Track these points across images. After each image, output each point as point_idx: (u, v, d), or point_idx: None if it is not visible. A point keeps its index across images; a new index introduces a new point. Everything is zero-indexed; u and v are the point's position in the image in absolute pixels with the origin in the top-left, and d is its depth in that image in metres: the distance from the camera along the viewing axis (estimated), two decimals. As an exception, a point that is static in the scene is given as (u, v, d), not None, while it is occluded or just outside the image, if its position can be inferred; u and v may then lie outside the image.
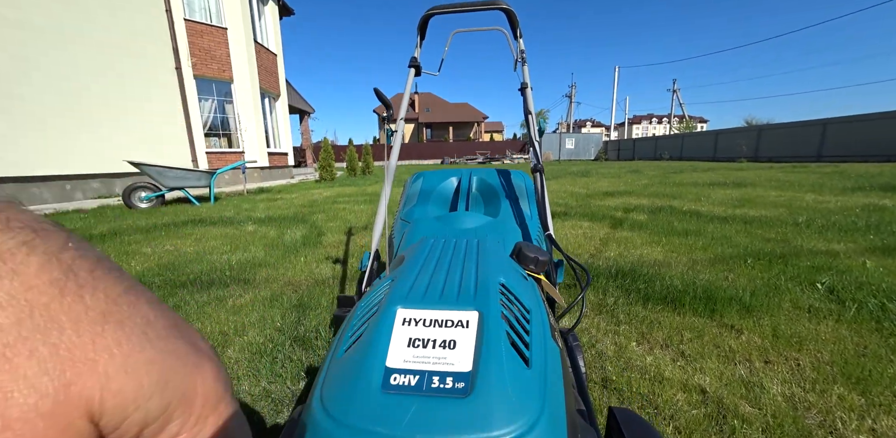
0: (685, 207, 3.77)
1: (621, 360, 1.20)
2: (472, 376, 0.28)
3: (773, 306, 1.47)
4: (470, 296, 0.37)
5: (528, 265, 0.59)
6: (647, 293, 1.63)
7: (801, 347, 1.19)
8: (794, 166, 9.67)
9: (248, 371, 1.22)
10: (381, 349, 0.31)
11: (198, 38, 8.75)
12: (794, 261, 1.94)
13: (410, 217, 1.24)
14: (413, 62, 1.32)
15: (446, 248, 0.56)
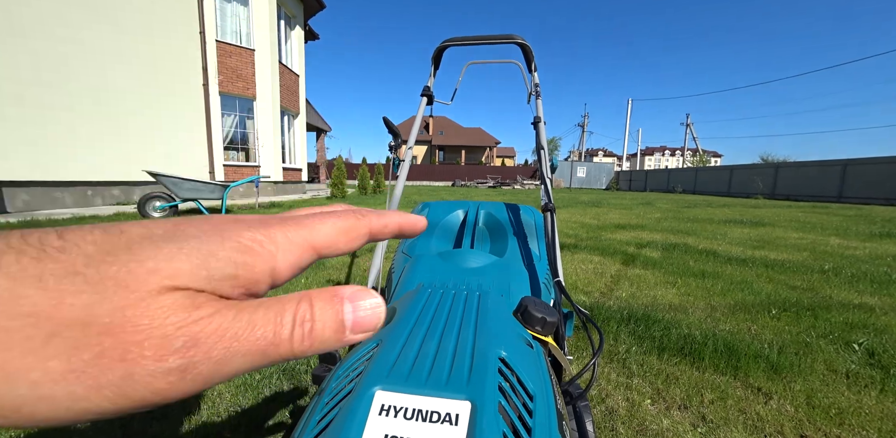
0: (701, 245, 3.64)
1: (634, 421, 1.08)
2: None
3: (805, 367, 1.33)
4: (463, 378, 0.31)
5: (535, 327, 0.53)
6: (663, 343, 1.52)
7: (843, 422, 1.06)
8: (815, 206, 9.43)
9: (228, 408, 1.13)
10: None
11: (226, 58, 9.27)
12: (825, 315, 1.80)
13: (412, 251, 1.18)
14: (426, 91, 1.33)
15: (443, 303, 0.50)
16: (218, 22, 9.13)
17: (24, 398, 0.09)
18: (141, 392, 0.10)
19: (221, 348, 0.11)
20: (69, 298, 0.10)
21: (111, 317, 0.10)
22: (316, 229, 0.14)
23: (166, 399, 0.11)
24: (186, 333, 0.10)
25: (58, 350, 0.09)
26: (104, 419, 0.11)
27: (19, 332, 0.09)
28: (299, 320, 0.12)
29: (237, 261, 0.12)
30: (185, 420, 1.08)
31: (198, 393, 0.11)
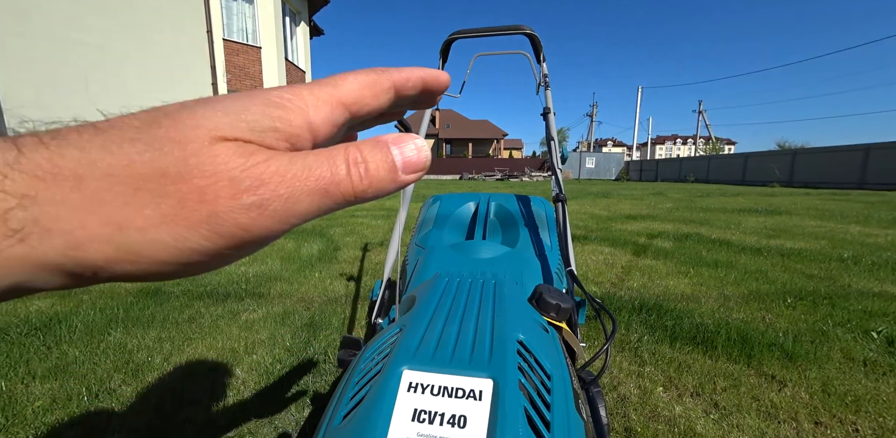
0: (714, 235, 3.59)
1: (646, 407, 1.10)
2: None
3: (821, 355, 1.33)
4: (485, 358, 0.33)
5: (550, 313, 0.54)
6: (675, 332, 1.52)
7: (859, 409, 1.06)
8: (834, 194, 9.15)
9: (252, 393, 1.19)
10: (383, 424, 0.28)
11: (234, 57, 9.33)
12: (843, 303, 1.77)
13: (426, 243, 1.20)
14: None
15: (461, 291, 0.52)
16: (224, 20, 9.18)
17: (139, 243, 0.11)
18: (229, 228, 0.11)
19: (286, 187, 0.12)
20: (136, 157, 0.11)
21: (177, 167, 0.11)
22: (339, 85, 0.15)
23: (257, 236, 0.12)
24: (250, 174, 0.11)
25: (146, 200, 0.11)
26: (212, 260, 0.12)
27: (108, 190, 0.11)
28: (352, 161, 0.13)
29: (271, 115, 0.13)
30: (213, 405, 1.13)
31: (279, 234, 0.13)
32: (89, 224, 0.10)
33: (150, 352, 1.44)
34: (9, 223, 0.10)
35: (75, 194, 0.10)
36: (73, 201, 0.10)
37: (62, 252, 0.10)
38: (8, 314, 1.75)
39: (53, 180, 0.10)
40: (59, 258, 0.10)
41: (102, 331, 1.59)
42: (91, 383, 1.23)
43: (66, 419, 1.06)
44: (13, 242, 0.10)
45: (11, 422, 1.04)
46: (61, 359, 1.37)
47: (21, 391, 1.18)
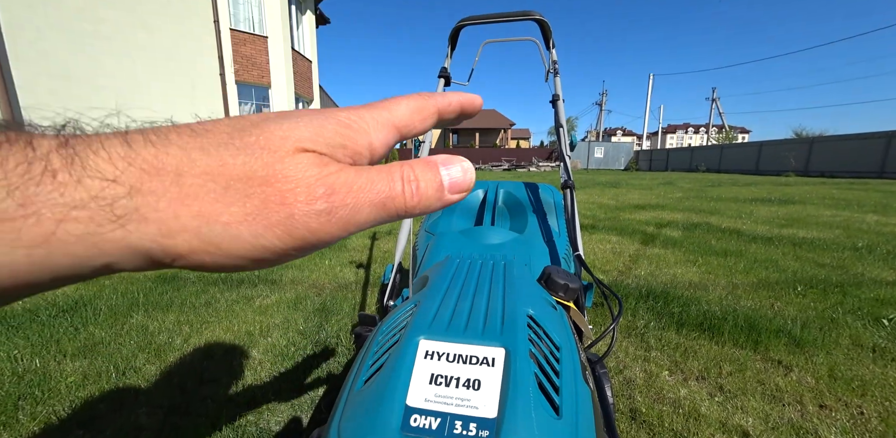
0: (724, 224, 3.55)
1: (651, 390, 1.12)
2: (498, 424, 0.26)
3: (829, 342, 1.33)
4: (496, 330, 0.35)
5: (558, 292, 0.56)
6: (682, 318, 1.53)
7: (865, 393, 1.07)
8: (852, 183, 8.91)
9: (269, 373, 1.24)
10: (402, 386, 0.30)
11: (241, 47, 9.28)
12: (854, 291, 1.76)
13: (435, 229, 1.22)
14: (443, 72, 1.31)
15: (472, 271, 0.54)
16: (231, 9, 9.10)
17: (221, 237, 0.12)
18: (300, 230, 0.13)
19: (352, 197, 0.13)
20: (229, 159, 0.12)
21: (265, 171, 0.12)
22: (394, 109, 0.16)
23: (320, 240, 0.13)
24: (324, 183, 0.13)
25: (234, 198, 0.12)
26: (277, 258, 0.13)
27: (203, 186, 0.12)
28: (406, 178, 0.14)
29: (342, 133, 0.14)
30: (233, 384, 1.19)
31: (337, 239, 0.14)
32: (182, 216, 0.11)
33: (171, 334, 1.50)
34: (115, 210, 0.11)
35: (174, 188, 0.11)
36: (172, 195, 0.11)
37: (153, 239, 0.11)
38: (36, 297, 1.83)
39: (157, 174, 0.11)
40: (149, 244, 0.11)
41: (125, 314, 1.66)
42: (118, 361, 1.29)
43: (96, 394, 1.13)
44: (115, 227, 0.11)
45: (48, 396, 1.11)
46: (89, 339, 1.44)
47: (54, 367, 1.25)
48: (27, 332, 1.47)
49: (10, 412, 1.04)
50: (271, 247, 0.13)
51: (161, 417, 1.03)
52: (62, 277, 0.11)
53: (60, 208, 0.10)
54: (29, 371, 1.23)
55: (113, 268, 0.12)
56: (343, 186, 0.13)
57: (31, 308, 1.69)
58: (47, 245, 0.10)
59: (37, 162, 0.10)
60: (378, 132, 0.16)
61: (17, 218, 0.10)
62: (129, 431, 0.98)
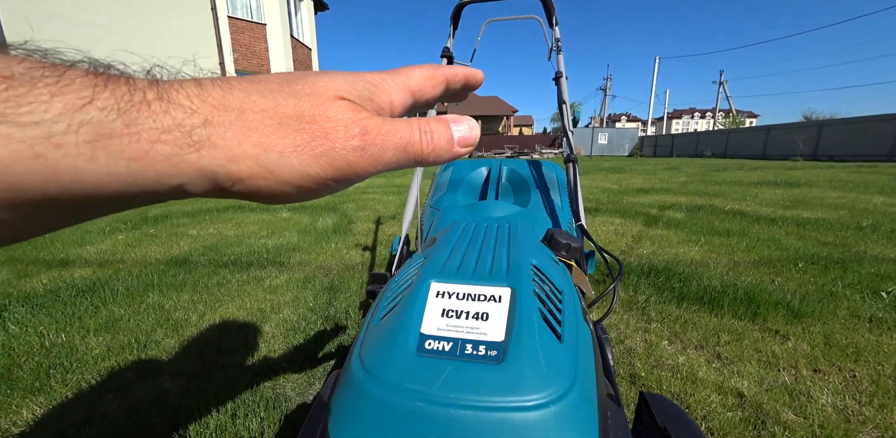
0: (728, 206, 3.54)
1: (651, 358, 1.16)
2: (505, 345, 0.29)
3: (827, 313, 1.36)
4: (503, 273, 0.37)
5: (560, 252, 0.58)
6: (682, 293, 1.56)
7: (858, 358, 1.10)
8: (861, 166, 8.78)
9: (283, 346, 1.29)
10: (416, 317, 0.32)
11: (239, 35, 9.14)
12: (856, 267, 1.77)
13: (440, 205, 1.24)
14: (445, 52, 1.30)
15: (478, 231, 0.56)
16: (227, -5, 8.92)
17: (275, 163, 0.14)
18: (339, 161, 0.15)
19: (381, 138, 0.16)
20: (282, 101, 0.15)
21: (312, 111, 0.15)
22: (410, 75, 0.19)
23: (355, 172, 0.16)
24: (358, 124, 0.15)
25: (286, 132, 0.14)
26: (318, 188, 0.16)
27: (261, 121, 0.14)
28: (423, 129, 0.17)
29: (370, 90, 0.17)
30: (249, 355, 1.24)
31: (369, 174, 0.16)
32: (244, 144, 0.14)
33: (186, 311, 1.55)
34: (193, 136, 0.13)
35: (239, 121, 0.14)
36: (237, 127, 0.14)
37: (220, 163, 0.13)
38: (56, 280, 1.89)
39: (225, 110, 0.14)
40: (216, 168, 0.13)
41: (142, 294, 1.72)
42: (138, 335, 1.35)
43: (121, 364, 1.19)
44: (191, 150, 0.13)
45: (76, 366, 1.17)
46: (109, 316, 1.50)
47: (79, 341, 1.31)
48: (50, 310, 1.53)
49: (43, 379, 1.10)
50: (314, 175, 0.15)
51: (184, 382, 1.09)
52: (146, 192, 0.13)
53: (154, 131, 0.12)
54: (56, 345, 1.29)
55: (185, 190, 0.14)
56: (374, 128, 0.16)
57: (52, 289, 1.75)
58: (142, 160, 0.12)
59: (137, 93, 0.12)
60: (397, 93, 0.18)
61: (124, 135, 0.12)
62: (155, 395, 1.04)
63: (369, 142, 0.15)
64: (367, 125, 0.15)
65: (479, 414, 0.25)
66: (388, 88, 0.18)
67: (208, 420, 0.93)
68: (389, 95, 0.18)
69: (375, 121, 0.16)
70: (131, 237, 2.77)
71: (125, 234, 2.87)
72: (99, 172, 0.11)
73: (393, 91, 0.18)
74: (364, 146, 0.15)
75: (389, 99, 0.18)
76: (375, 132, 0.16)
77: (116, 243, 2.61)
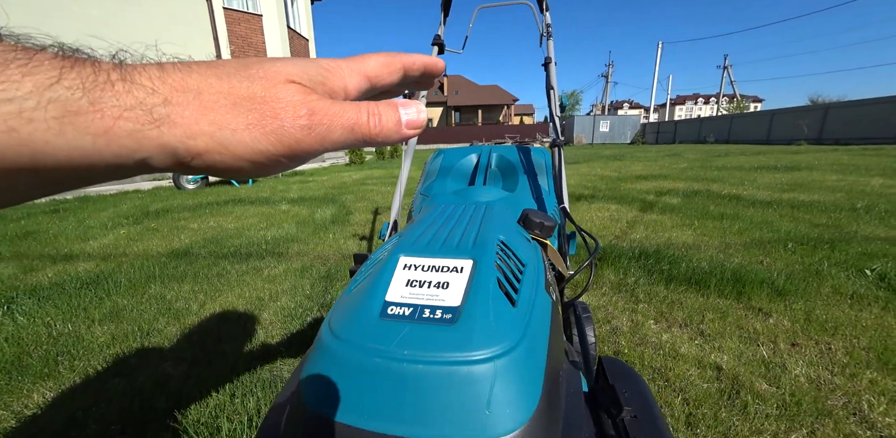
0: (725, 191, 3.54)
1: (636, 336, 1.20)
2: (460, 309, 0.31)
3: (811, 290, 1.38)
4: (468, 247, 0.39)
5: (534, 230, 0.60)
6: (671, 274, 1.59)
7: (836, 332, 1.13)
8: (865, 149, 8.67)
9: (280, 332, 1.34)
10: (382, 287, 0.35)
11: (235, 26, 9.03)
12: (844, 247, 1.79)
13: (430, 192, 1.27)
14: (436, 40, 1.29)
15: (455, 211, 0.58)
16: (219, -14, 8.77)
17: (229, 140, 0.16)
18: (288, 139, 0.16)
19: (328, 119, 0.17)
20: (237, 84, 0.16)
21: (263, 93, 0.16)
22: (366, 62, 0.20)
23: (304, 150, 0.17)
24: (306, 105, 0.17)
25: (239, 112, 0.16)
26: (272, 164, 0.17)
27: (217, 102, 0.15)
28: (371, 112, 0.18)
29: (323, 74, 0.18)
30: (248, 341, 1.29)
31: (318, 152, 0.18)
32: (201, 122, 0.15)
33: (187, 301, 1.60)
34: (153, 114, 0.14)
35: (196, 101, 0.15)
36: (194, 106, 0.15)
37: (180, 139, 0.15)
38: (60, 273, 1.95)
39: (184, 91, 0.15)
40: (176, 143, 0.15)
41: (144, 285, 1.77)
42: (141, 324, 1.40)
43: (125, 351, 1.24)
44: (153, 127, 0.14)
45: (82, 353, 1.22)
46: (113, 307, 1.55)
47: (85, 331, 1.36)
48: (56, 302, 1.59)
49: (52, 365, 1.15)
50: (265, 151, 0.16)
51: (185, 368, 1.14)
52: (113, 165, 0.14)
53: (117, 109, 0.13)
54: (63, 334, 1.34)
55: (149, 164, 0.15)
56: (321, 109, 0.17)
57: (57, 282, 1.80)
58: (107, 136, 0.13)
59: (102, 74, 0.14)
60: (352, 78, 0.20)
61: (89, 112, 0.13)
62: (158, 379, 1.09)
63: (316, 122, 0.17)
64: (314, 106, 0.17)
65: (430, 368, 0.28)
66: (342, 73, 0.19)
67: (208, 400, 0.98)
68: (343, 80, 0.19)
69: (324, 103, 0.17)
70: (133, 232, 2.82)
71: (127, 228, 2.92)
72: (68, 145, 0.12)
73: (347, 76, 0.19)
74: (311, 125, 0.16)
75: (343, 83, 0.19)
76: (323, 113, 0.17)
77: (119, 238, 2.66)
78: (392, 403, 0.28)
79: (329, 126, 0.17)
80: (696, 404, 0.88)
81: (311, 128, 0.16)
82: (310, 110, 0.17)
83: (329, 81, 0.18)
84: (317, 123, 0.17)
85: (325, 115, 0.17)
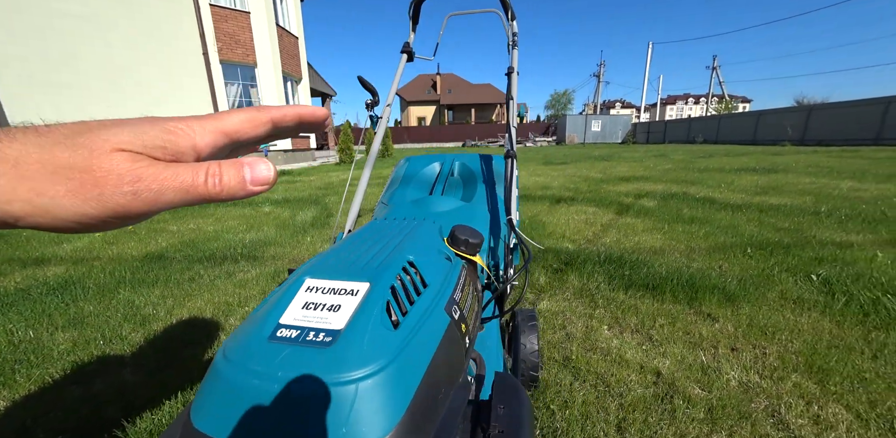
0: (701, 193, 3.61)
1: (588, 342, 1.24)
2: (340, 332, 0.33)
3: (759, 296, 1.44)
4: (370, 270, 0.42)
5: (459, 247, 0.63)
6: (631, 280, 1.64)
7: (774, 337, 1.19)
8: (844, 150, 8.88)
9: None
10: (280, 309, 0.37)
11: (222, 24, 8.90)
12: (798, 252, 1.86)
13: (390, 200, 1.29)
14: (405, 48, 1.30)
15: (386, 229, 0.60)
16: (205, -18, 8.63)
17: (49, 205, 0.16)
18: (112, 204, 0.17)
19: (157, 184, 0.18)
20: (59, 153, 0.17)
21: (84, 163, 0.17)
22: (225, 119, 0.21)
23: (131, 212, 0.18)
24: (133, 173, 0.17)
25: (59, 180, 0.17)
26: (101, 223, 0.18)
27: (36, 171, 0.16)
28: (210, 173, 0.19)
29: (164, 138, 0.19)
30: (212, 346, 1.30)
31: (150, 213, 0.18)
32: (18, 189, 0.16)
33: (155, 307, 1.61)
34: None
35: (13, 170, 0.16)
36: (11, 175, 0.16)
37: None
38: (28, 278, 1.93)
39: (2, 161, 0.16)
40: None
41: (113, 290, 1.77)
42: (105, 331, 1.41)
43: (85, 358, 1.25)
44: None
45: (41, 360, 1.23)
46: (78, 313, 1.55)
47: (47, 337, 1.37)
48: (20, 308, 1.58)
49: (8, 374, 1.16)
50: (89, 215, 0.17)
51: (144, 374, 1.15)
52: None
53: None
54: (24, 341, 1.35)
55: None
56: (149, 176, 0.17)
57: (23, 288, 1.80)
58: None
59: None
60: (204, 137, 0.20)
61: None
62: (116, 386, 1.10)
63: (143, 188, 0.17)
64: (141, 174, 0.17)
65: (299, 389, 0.31)
66: (190, 133, 0.20)
67: (163, 408, 1.00)
68: (192, 140, 0.20)
69: (154, 169, 0.18)
70: (109, 234, 2.80)
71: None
72: None
73: (198, 136, 0.20)
74: (137, 192, 0.17)
75: (192, 143, 0.20)
76: (151, 179, 0.17)
77: (94, 241, 2.64)
78: (266, 423, 0.31)
79: (159, 190, 0.18)
80: (630, 409, 0.92)
81: (136, 194, 0.17)
82: (135, 177, 0.17)
83: (172, 144, 0.19)
84: (144, 189, 0.17)
85: (153, 181, 0.17)
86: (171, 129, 0.19)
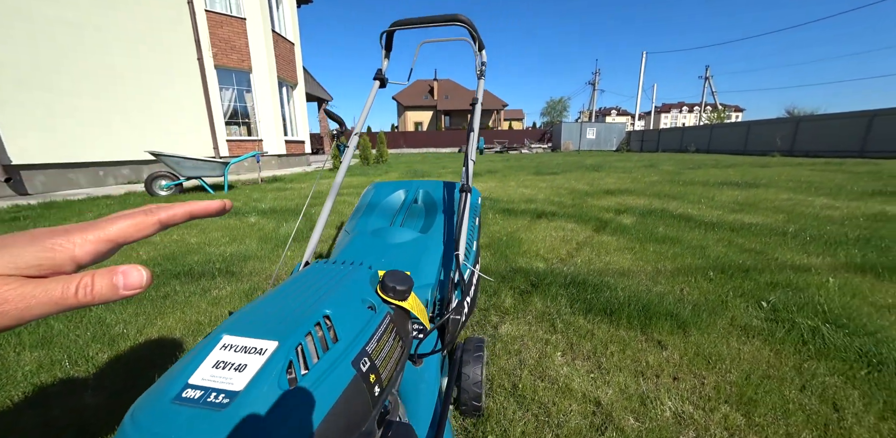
0: (679, 210, 3.69)
1: (539, 369, 1.29)
2: (238, 394, 0.36)
3: (710, 323, 1.49)
4: (282, 327, 0.45)
5: (387, 293, 0.67)
6: (592, 304, 1.69)
7: (714, 366, 1.24)
8: (827, 163, 9.05)
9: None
10: (192, 368, 0.39)
11: (218, 29, 8.98)
12: (756, 276, 1.92)
13: (353, 229, 1.34)
14: (378, 75, 1.33)
15: (319, 275, 0.63)
16: (201, -11, 8.72)
17: None
18: None
19: (24, 303, 0.19)
20: None
21: None
22: (107, 228, 0.23)
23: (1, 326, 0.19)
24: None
25: None
26: None
27: None
28: (82, 285, 0.21)
29: (40, 257, 0.21)
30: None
31: (21, 325, 0.20)
32: None
33: (126, 325, 1.64)
34: None
35: None
36: None
37: None
38: None
39: None
40: None
41: (85, 308, 1.79)
42: (72, 352, 1.43)
43: (49, 380, 1.27)
44: None
45: (4, 382, 1.25)
46: (48, 332, 1.57)
47: (13, 358, 1.39)
48: (-9, 326, 1.60)
49: (-30, 397, 1.18)
50: None
51: (105, 397, 1.18)
52: None
53: None
54: (-9, 362, 1.37)
55: None
56: (17, 296, 0.19)
57: (-4, 304, 1.81)
58: None
59: None
60: (84, 247, 0.22)
61: None
62: (74, 409, 1.13)
63: (9, 308, 0.19)
64: (9, 295, 0.19)
65: None
66: (69, 246, 0.21)
67: (118, 433, 1.03)
68: (71, 253, 0.21)
69: (21, 290, 0.20)
70: (90, 246, 2.81)
71: (85, 242, 2.91)
72: None
73: (78, 248, 0.22)
74: (3, 311, 0.19)
75: (70, 255, 0.21)
76: (18, 300, 0.19)
77: (74, 253, 2.65)
78: None
79: (25, 307, 0.20)
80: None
81: (3, 313, 0.19)
82: (1, 299, 0.19)
83: (49, 261, 0.21)
84: (11, 309, 0.19)
85: (20, 301, 0.19)
86: (49, 246, 0.21)
